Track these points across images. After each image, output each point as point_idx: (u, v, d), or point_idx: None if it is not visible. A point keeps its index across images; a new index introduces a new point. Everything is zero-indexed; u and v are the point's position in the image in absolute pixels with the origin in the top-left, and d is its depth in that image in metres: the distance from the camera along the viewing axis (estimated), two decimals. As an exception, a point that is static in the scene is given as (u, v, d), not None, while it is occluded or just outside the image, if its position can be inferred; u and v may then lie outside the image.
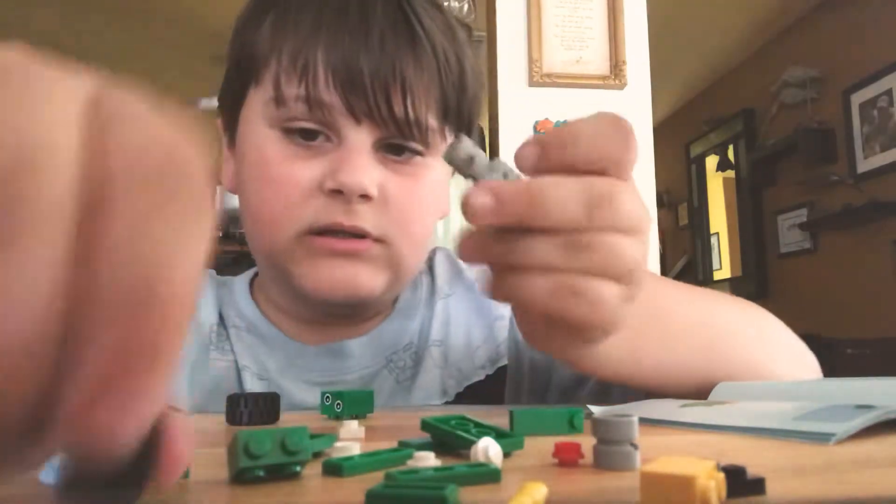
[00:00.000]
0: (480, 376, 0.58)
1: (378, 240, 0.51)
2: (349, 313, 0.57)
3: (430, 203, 0.56)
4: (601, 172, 0.30)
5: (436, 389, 0.57)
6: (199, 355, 0.57)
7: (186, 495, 0.20)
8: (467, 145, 0.30)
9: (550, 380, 0.60)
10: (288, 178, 0.50)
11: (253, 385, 0.55)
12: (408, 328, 0.60)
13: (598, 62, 2.13)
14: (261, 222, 0.53)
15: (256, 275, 0.63)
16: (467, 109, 0.56)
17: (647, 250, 0.32)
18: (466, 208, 0.29)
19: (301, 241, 0.51)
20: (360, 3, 0.50)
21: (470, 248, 0.31)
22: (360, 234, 0.50)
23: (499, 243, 0.30)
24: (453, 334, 0.60)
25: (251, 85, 0.53)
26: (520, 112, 2.12)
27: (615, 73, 2.12)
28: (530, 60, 2.10)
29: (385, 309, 0.61)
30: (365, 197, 0.49)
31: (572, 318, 0.31)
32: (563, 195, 0.29)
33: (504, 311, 0.62)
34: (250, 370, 0.56)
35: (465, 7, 2.51)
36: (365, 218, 0.50)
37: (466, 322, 0.61)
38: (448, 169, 0.57)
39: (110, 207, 0.13)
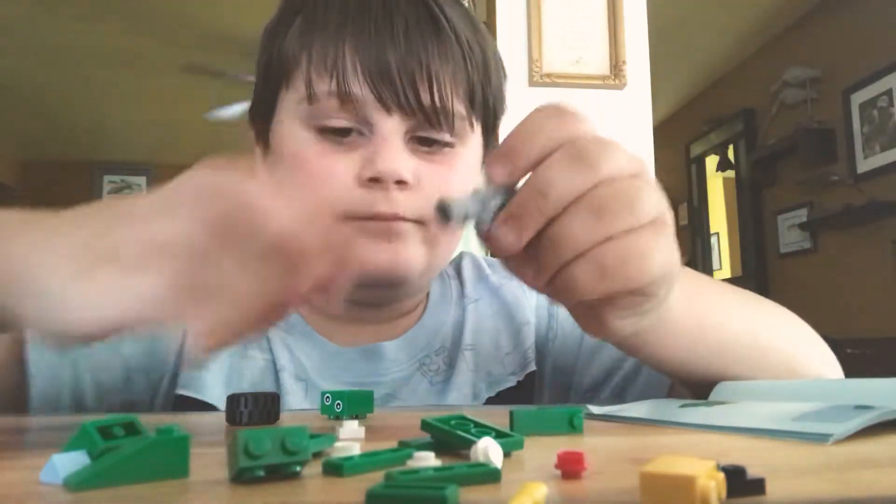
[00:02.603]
0: (511, 382, 0.59)
1: (415, 221, 0.52)
2: (386, 301, 0.57)
3: (461, 189, 0.57)
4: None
5: (468, 393, 0.58)
6: (237, 351, 0.57)
7: (186, 495, 0.20)
8: (457, 211, 0.32)
9: (571, 382, 0.60)
10: (325, 172, 0.52)
11: (290, 385, 0.56)
12: (439, 331, 0.61)
13: (598, 62, 2.13)
14: None
15: None
16: (492, 99, 0.57)
17: (659, 192, 0.33)
18: (496, 248, 0.32)
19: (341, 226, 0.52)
20: None
21: (521, 269, 0.34)
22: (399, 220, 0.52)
23: (539, 250, 0.32)
24: (483, 339, 0.61)
25: (282, 88, 0.55)
26: (520, 112, 2.11)
27: (615, 73, 2.12)
28: (530, 60, 2.10)
29: (417, 303, 0.62)
30: (401, 183, 0.51)
31: (629, 283, 0.31)
32: (555, 172, 0.31)
33: (529, 316, 0.62)
34: (288, 370, 0.57)
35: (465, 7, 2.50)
36: (402, 204, 0.51)
37: (494, 327, 0.62)
38: (478, 157, 0.59)
39: None
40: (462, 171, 0.55)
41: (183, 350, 0.56)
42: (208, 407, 0.54)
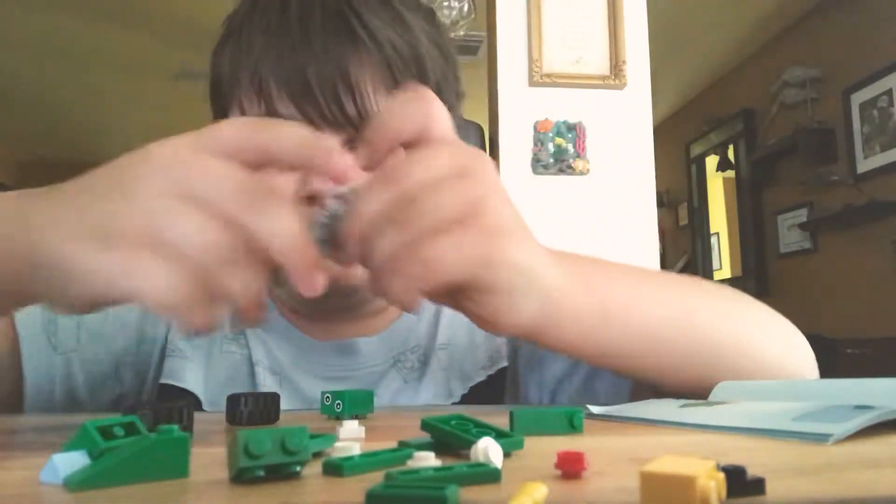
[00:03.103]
0: (482, 377, 0.60)
1: None
2: (346, 305, 0.58)
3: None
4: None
5: (442, 391, 0.59)
6: (213, 346, 0.59)
7: (186, 495, 0.20)
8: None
9: (542, 374, 0.61)
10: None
11: (265, 379, 0.58)
12: (415, 329, 0.62)
13: (598, 62, 2.13)
14: None
15: None
16: (435, 92, 0.56)
17: (481, 185, 0.34)
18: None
19: None
20: (299, 16, 0.52)
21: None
22: None
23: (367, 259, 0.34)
24: (458, 335, 0.62)
25: (228, 110, 0.57)
26: (520, 112, 2.12)
27: (615, 73, 2.12)
28: (530, 60, 2.10)
29: (390, 306, 0.62)
30: (338, 197, 0.51)
31: (438, 280, 0.33)
32: (366, 193, 0.34)
33: None
34: (263, 364, 0.59)
35: (465, 7, 2.51)
36: None
37: (469, 322, 0.62)
38: None
39: None
40: None
41: (167, 341, 0.58)
42: (190, 395, 0.56)
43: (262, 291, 0.31)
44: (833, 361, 2.76)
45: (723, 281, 4.46)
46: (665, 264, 4.86)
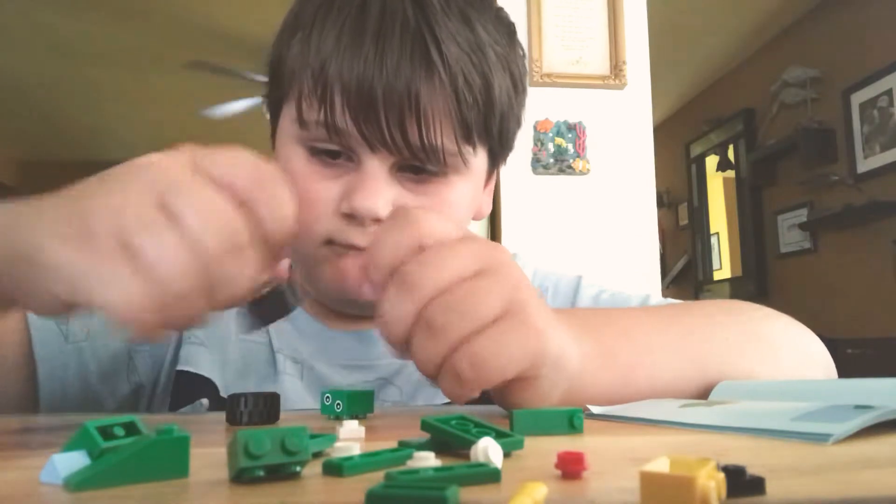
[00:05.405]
0: None
1: None
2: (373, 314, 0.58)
3: (449, 219, 0.57)
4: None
5: None
6: (229, 334, 0.60)
7: (186, 495, 0.20)
8: None
9: None
10: (310, 195, 0.52)
11: (286, 367, 0.58)
12: None
13: (598, 62, 2.13)
14: None
15: None
16: (497, 126, 0.56)
17: (506, 280, 0.35)
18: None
19: (324, 248, 0.53)
20: (377, 28, 0.50)
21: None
22: None
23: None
24: None
25: (284, 100, 0.56)
26: (520, 112, 2.12)
27: (615, 73, 2.12)
28: (530, 60, 2.10)
29: None
30: (378, 220, 0.51)
31: (490, 381, 0.35)
32: (387, 305, 0.35)
33: None
34: (284, 353, 0.59)
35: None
36: None
37: None
38: (478, 182, 0.59)
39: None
40: (450, 202, 0.55)
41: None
42: (207, 381, 0.56)
43: (205, 320, 0.32)
44: (833, 361, 2.76)
45: (723, 281, 4.46)
46: (665, 264, 4.86)
